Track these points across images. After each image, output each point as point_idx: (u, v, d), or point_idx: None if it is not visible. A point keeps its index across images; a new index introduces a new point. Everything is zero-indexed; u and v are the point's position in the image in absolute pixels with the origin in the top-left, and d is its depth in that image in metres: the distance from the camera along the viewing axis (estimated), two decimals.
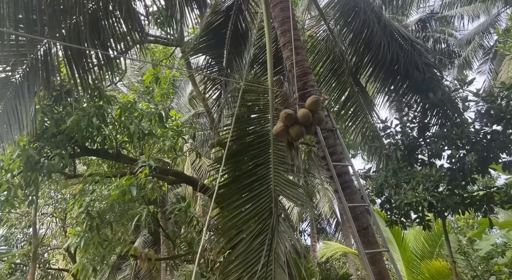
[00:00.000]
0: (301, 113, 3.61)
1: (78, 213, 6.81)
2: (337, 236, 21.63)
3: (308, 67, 4.46)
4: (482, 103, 5.25)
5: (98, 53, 5.80)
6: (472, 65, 16.19)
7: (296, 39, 4.47)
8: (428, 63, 5.77)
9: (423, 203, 5.36)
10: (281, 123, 3.63)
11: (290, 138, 3.76)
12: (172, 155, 9.71)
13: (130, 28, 5.61)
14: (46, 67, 5.07)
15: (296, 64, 4.41)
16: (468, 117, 5.53)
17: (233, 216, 4.38)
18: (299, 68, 4.40)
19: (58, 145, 7.31)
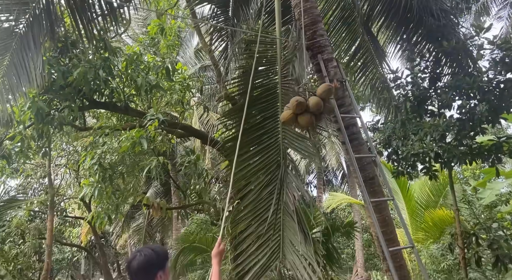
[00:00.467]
0: (313, 102, 3.49)
1: (90, 164, 6.98)
2: (343, 188, 22.09)
3: (318, 15, 4.31)
4: (498, 51, 5.08)
5: (101, 2, 5.64)
6: (490, 11, 15.39)
7: None
8: (444, 9, 5.50)
9: (430, 153, 5.38)
10: (290, 110, 3.54)
11: (298, 126, 3.69)
12: (180, 108, 9.73)
13: None
14: (49, 17, 4.97)
15: (304, 12, 4.25)
16: (482, 66, 5.38)
17: (242, 168, 4.47)
18: (308, 16, 4.25)
19: (67, 97, 7.36)
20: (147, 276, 2.04)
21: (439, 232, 9.84)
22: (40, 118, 6.95)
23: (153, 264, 2.06)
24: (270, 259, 4.05)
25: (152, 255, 2.08)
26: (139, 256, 2.08)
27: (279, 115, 4.40)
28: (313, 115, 3.57)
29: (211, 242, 10.62)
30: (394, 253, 4.31)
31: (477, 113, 5.04)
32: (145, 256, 2.06)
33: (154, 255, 2.09)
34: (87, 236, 23.04)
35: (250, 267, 3.97)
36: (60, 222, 17.66)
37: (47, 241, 11.68)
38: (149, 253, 2.08)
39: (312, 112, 3.54)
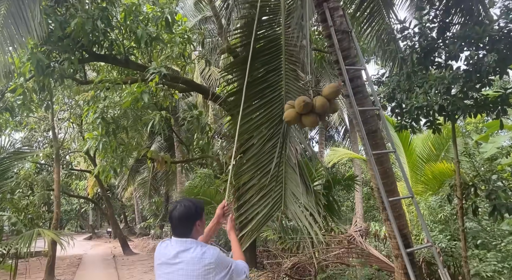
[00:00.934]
0: (319, 103, 3.36)
1: (93, 118, 7.00)
2: (345, 144, 22.25)
3: None
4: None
5: None
6: None
7: None
8: None
9: (434, 106, 5.33)
10: (293, 109, 3.45)
11: (301, 125, 3.59)
12: (181, 62, 9.56)
13: None
14: None
15: None
16: (493, 14, 5.17)
17: (245, 122, 4.46)
18: None
19: (66, 49, 7.23)
20: (187, 224, 2.28)
21: (438, 185, 10.03)
22: (40, 70, 6.87)
23: (192, 214, 2.30)
24: (272, 209, 4.17)
25: (191, 206, 2.31)
26: (179, 207, 2.31)
27: (282, 68, 4.33)
28: (318, 116, 3.51)
29: (215, 195, 10.92)
30: (394, 203, 4.42)
31: (485, 64, 4.91)
32: (185, 207, 2.30)
33: (192, 206, 2.32)
34: (94, 188, 23.68)
35: (253, 217, 4.10)
36: (67, 174, 18.05)
37: (55, 193, 12.01)
38: (188, 205, 2.32)
39: (317, 113, 3.47)
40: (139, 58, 9.42)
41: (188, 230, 2.28)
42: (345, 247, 7.04)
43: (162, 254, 2.27)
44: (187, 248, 2.22)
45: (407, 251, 3.75)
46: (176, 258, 2.20)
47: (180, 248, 2.22)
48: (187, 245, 2.23)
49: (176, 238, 2.28)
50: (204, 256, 2.19)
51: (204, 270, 2.15)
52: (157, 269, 2.29)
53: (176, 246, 2.24)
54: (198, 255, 2.18)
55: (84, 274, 12.52)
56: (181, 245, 2.24)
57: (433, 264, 7.56)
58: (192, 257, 2.18)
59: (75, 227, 42.49)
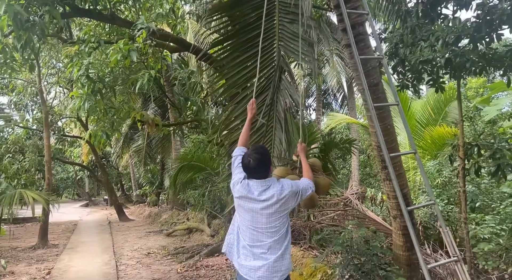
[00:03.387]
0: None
1: (77, 75, 6.59)
2: (342, 111, 21.89)
3: None
4: None
5: None
6: None
7: None
8: None
9: (440, 60, 4.98)
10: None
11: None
12: (172, 20, 9.03)
13: None
14: None
15: None
16: None
17: (235, 73, 4.12)
18: None
19: (46, 2, 6.71)
20: (264, 169, 2.67)
21: (436, 149, 9.82)
22: (19, 24, 6.39)
23: (267, 160, 2.70)
24: None
25: (264, 154, 2.71)
26: (255, 154, 2.66)
27: (275, 13, 3.93)
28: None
29: (209, 160, 10.69)
30: (395, 161, 4.17)
31: (498, 11, 4.51)
32: (261, 154, 2.67)
33: (265, 154, 2.73)
34: (88, 156, 23.46)
35: None
36: (59, 141, 17.71)
37: (45, 158, 11.74)
38: (262, 154, 2.68)
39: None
40: (128, 15, 8.89)
41: (265, 173, 2.68)
42: (340, 209, 6.88)
43: (246, 191, 2.64)
44: (268, 186, 2.64)
45: (408, 209, 3.53)
46: (261, 195, 2.61)
47: (262, 188, 2.63)
48: (268, 183, 2.65)
49: (256, 180, 2.65)
50: (283, 189, 2.64)
51: (285, 200, 2.62)
52: (239, 200, 2.68)
53: (258, 186, 2.63)
54: (278, 190, 2.62)
55: (78, 239, 12.49)
56: (263, 184, 2.64)
57: (429, 228, 7.47)
58: (274, 192, 2.61)
59: (72, 195, 42.70)
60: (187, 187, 12.08)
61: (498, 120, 9.86)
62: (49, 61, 12.23)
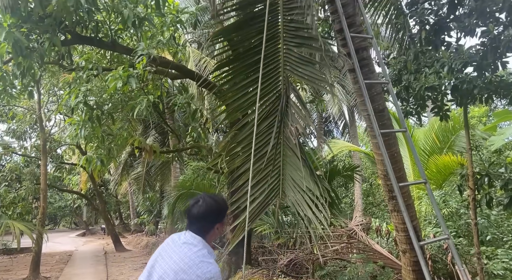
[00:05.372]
0: None
1: (75, 103, 6.47)
2: (344, 139, 21.76)
3: None
4: None
5: None
6: None
7: None
8: None
9: (446, 86, 4.87)
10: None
11: None
12: (173, 48, 9.03)
13: None
14: None
15: None
16: None
17: (237, 98, 3.98)
18: None
19: (47, 29, 6.70)
20: (204, 224, 2.02)
21: (442, 179, 9.59)
22: (19, 50, 6.34)
23: (213, 214, 2.04)
24: (269, 196, 3.69)
25: (213, 206, 2.05)
26: (201, 203, 2.04)
27: (280, 37, 3.84)
28: None
29: (208, 188, 10.45)
30: (403, 191, 3.95)
31: (504, 38, 4.43)
32: (207, 205, 2.03)
33: (215, 205, 2.06)
34: (87, 183, 23.13)
35: (247, 205, 3.61)
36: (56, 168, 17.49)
37: (41, 186, 11.49)
38: (211, 203, 2.05)
39: None
40: (128, 42, 8.90)
41: (203, 230, 2.02)
42: (345, 242, 6.57)
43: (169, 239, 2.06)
44: (193, 244, 1.96)
45: (420, 244, 3.28)
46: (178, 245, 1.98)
47: (187, 240, 1.99)
48: (194, 242, 1.97)
49: (189, 232, 2.03)
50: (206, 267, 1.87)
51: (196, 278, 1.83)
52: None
53: (185, 236, 2.01)
54: (198, 260, 1.89)
55: (72, 271, 12.02)
56: (191, 238, 1.99)
57: (437, 262, 7.13)
58: (192, 257, 1.90)
59: (70, 224, 41.90)
60: (185, 215, 11.76)
61: (504, 150, 9.68)
62: (50, 88, 12.23)
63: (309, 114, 4.17)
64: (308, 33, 3.59)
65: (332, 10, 3.81)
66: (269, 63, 3.89)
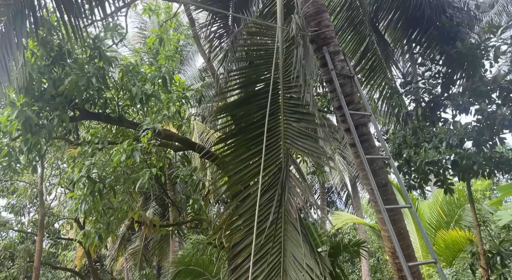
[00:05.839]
0: None
1: (78, 177, 6.49)
2: (347, 210, 21.37)
3: (323, 5, 3.95)
4: None
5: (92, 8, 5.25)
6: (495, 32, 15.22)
7: None
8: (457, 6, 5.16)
9: (446, 161, 4.91)
10: None
11: None
12: (178, 122, 9.32)
13: None
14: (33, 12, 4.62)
15: (308, 1, 3.90)
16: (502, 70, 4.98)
17: (239, 170, 4.00)
18: (312, 5, 3.89)
19: (57, 107, 6.97)
20: None
21: (452, 256, 9.19)
22: (28, 127, 6.52)
23: None
24: (270, 275, 3.51)
25: None
26: None
27: (280, 113, 3.98)
28: None
29: (208, 264, 10.00)
30: (413, 271, 3.76)
31: (498, 117, 4.58)
32: None
33: None
34: (82, 260, 22.17)
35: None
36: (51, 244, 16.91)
37: (34, 263, 11.02)
38: None
39: None
40: (134, 117, 9.20)
41: None
42: None
43: None
44: None
45: None
46: None
47: None
48: None
49: None
50: None
51: None
52: None
53: None
54: None
55: None
56: None
57: None
58: None
59: None
60: None
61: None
62: (54, 162, 12.36)
63: (309, 187, 4.14)
64: (307, 110, 3.72)
65: (331, 89, 4.00)
66: (270, 136, 3.97)
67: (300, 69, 3.44)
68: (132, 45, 15.02)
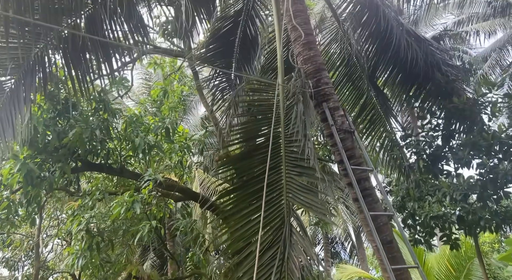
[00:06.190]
0: None
1: (76, 231, 6.38)
2: (352, 262, 20.66)
3: (322, 63, 4.10)
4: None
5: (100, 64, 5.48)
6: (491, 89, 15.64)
7: (308, 34, 4.13)
8: (452, 65, 5.35)
9: (451, 216, 4.82)
10: None
11: None
12: (179, 171, 9.31)
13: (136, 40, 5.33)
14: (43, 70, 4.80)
15: (308, 60, 4.06)
16: (501, 124, 5.04)
17: (240, 226, 3.92)
18: (312, 64, 4.04)
19: (60, 159, 7.00)
20: None
21: None
22: (29, 180, 6.50)
23: None
24: None
25: None
26: None
27: (282, 167, 3.98)
28: None
29: None
30: None
31: (500, 172, 4.57)
32: None
33: None
34: None
35: None
36: None
37: None
38: None
39: None
40: (137, 167, 9.20)
41: None
42: None
43: None
44: None
45: None
46: None
47: None
48: None
49: None
50: None
51: None
52: None
53: None
54: None
55: None
56: None
57: None
58: None
59: None
60: None
61: None
62: (53, 213, 12.18)
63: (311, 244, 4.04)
64: (308, 164, 3.73)
65: (332, 143, 4.03)
66: (272, 191, 3.94)
67: (300, 125, 3.50)
68: (137, 95, 15.41)
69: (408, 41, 5.26)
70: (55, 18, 4.27)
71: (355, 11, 5.83)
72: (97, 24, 4.73)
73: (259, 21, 6.37)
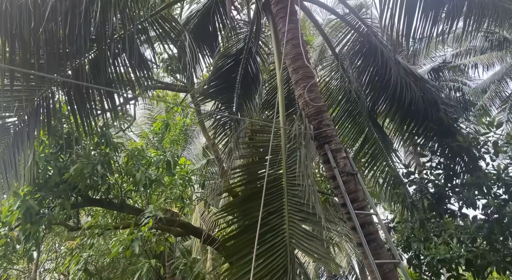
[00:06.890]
0: None
1: (74, 270, 6.23)
2: None
3: (323, 106, 4.12)
4: None
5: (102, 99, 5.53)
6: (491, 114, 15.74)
7: (309, 76, 4.17)
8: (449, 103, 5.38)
9: (459, 259, 4.70)
10: None
11: None
12: (180, 204, 9.21)
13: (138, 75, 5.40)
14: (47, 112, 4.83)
15: (309, 103, 4.08)
16: (502, 163, 5.01)
17: (243, 273, 3.82)
18: (313, 106, 4.06)
19: (61, 194, 6.94)
20: None
21: None
22: (28, 217, 6.42)
23: None
24: None
25: None
26: None
27: (285, 210, 3.92)
28: None
29: None
30: None
31: (507, 214, 4.49)
32: None
33: None
34: None
35: None
36: None
37: None
38: None
39: None
40: (137, 201, 9.11)
41: None
42: None
43: None
44: None
45: None
46: None
47: None
48: None
49: None
50: None
51: None
52: None
53: None
54: None
55: None
56: None
57: None
58: None
59: None
60: None
61: None
62: (51, 246, 11.97)
63: None
64: (313, 210, 3.67)
65: (335, 185, 3.98)
66: (274, 236, 3.87)
67: (303, 170, 3.47)
68: (139, 125, 15.48)
69: (407, 81, 5.32)
70: (59, 62, 4.33)
71: (354, 50, 5.94)
72: (100, 66, 4.79)
73: (260, 59, 6.48)
